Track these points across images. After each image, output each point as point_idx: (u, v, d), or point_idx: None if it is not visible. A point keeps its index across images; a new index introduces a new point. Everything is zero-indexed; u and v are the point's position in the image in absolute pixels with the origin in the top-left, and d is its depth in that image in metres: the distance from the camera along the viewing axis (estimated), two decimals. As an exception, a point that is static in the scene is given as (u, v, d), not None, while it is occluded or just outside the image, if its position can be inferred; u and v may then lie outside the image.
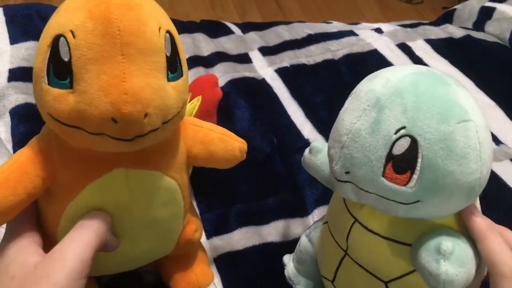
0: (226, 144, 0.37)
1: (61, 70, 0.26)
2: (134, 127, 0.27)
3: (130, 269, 0.38)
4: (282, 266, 0.45)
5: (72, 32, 0.26)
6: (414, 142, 0.27)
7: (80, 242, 0.29)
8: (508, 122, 0.67)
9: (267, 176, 0.56)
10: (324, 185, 0.54)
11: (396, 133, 0.27)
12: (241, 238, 0.49)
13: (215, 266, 0.47)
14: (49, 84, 0.27)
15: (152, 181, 0.33)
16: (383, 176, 0.28)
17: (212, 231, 0.49)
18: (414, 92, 0.28)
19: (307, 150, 0.40)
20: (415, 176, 0.27)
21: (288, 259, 0.45)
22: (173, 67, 0.29)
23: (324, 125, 0.64)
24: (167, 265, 0.40)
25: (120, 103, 0.26)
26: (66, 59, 0.26)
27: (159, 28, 0.28)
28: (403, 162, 0.27)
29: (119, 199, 0.32)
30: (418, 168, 0.27)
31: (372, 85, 0.29)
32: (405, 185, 0.28)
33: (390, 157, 0.28)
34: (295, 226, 0.51)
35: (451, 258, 0.27)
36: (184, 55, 0.31)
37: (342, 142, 0.29)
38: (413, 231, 0.30)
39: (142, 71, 0.26)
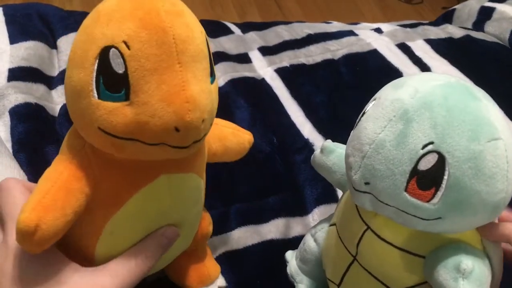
0: (238, 138, 0.39)
1: (114, 83, 0.26)
2: (193, 134, 0.27)
3: (156, 270, 0.38)
4: (282, 264, 0.45)
5: (125, 43, 0.25)
6: (441, 159, 0.26)
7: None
8: (508, 122, 0.67)
9: (267, 175, 0.56)
10: (324, 185, 0.55)
11: (423, 148, 0.26)
12: (240, 237, 0.49)
13: (214, 265, 0.47)
14: (99, 98, 0.26)
15: (190, 183, 0.33)
16: (406, 190, 0.27)
17: (212, 230, 0.49)
18: (444, 106, 0.26)
19: (318, 149, 0.39)
20: (439, 193, 0.26)
21: (290, 256, 0.45)
22: (212, 69, 0.29)
23: (324, 125, 0.64)
24: (178, 262, 0.40)
25: (183, 112, 0.25)
26: (120, 72, 0.25)
27: (201, 33, 0.28)
28: (428, 179, 0.26)
29: (161, 205, 0.32)
30: (443, 185, 0.26)
31: (399, 94, 0.28)
32: (428, 201, 0.27)
33: (414, 172, 0.26)
34: (295, 225, 0.51)
35: (471, 277, 0.26)
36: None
37: (363, 151, 0.28)
38: (428, 243, 0.30)
39: (196, 78, 0.26)
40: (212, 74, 0.29)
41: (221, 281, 0.44)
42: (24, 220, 0.26)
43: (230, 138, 0.38)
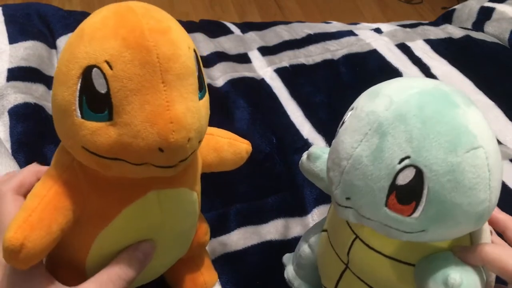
0: (234, 148, 0.38)
1: (97, 103, 0.25)
2: (179, 154, 0.26)
3: (152, 279, 0.38)
4: (281, 265, 0.45)
5: (107, 62, 0.24)
6: (419, 173, 0.25)
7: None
8: (507, 123, 0.67)
9: (266, 175, 0.56)
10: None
11: (400, 162, 0.25)
12: (240, 238, 0.49)
13: (214, 266, 0.47)
14: (83, 117, 0.25)
15: (181, 197, 0.33)
16: (386, 206, 0.26)
17: (211, 232, 0.49)
18: (419, 117, 0.25)
19: (304, 155, 0.38)
20: (420, 208, 0.26)
21: (287, 260, 0.45)
22: (201, 85, 0.28)
23: (323, 125, 0.64)
24: (174, 269, 0.40)
25: (167, 133, 0.25)
26: (103, 91, 0.25)
27: (189, 49, 0.27)
28: (407, 193, 0.26)
29: (151, 221, 0.31)
30: (423, 199, 0.25)
31: (374, 105, 0.27)
32: (409, 215, 0.26)
33: (393, 187, 0.26)
34: (294, 225, 0.51)
35: None
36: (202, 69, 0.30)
37: (342, 166, 0.27)
38: (416, 252, 0.30)
39: (182, 96, 0.26)
40: (202, 89, 0.28)
41: None
42: (10, 239, 0.26)
43: (226, 148, 0.37)
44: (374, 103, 0.27)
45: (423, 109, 0.26)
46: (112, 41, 0.25)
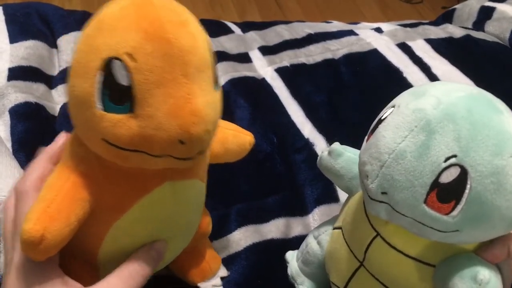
0: (238, 139, 0.39)
1: (119, 95, 0.25)
2: (198, 146, 0.27)
3: (159, 269, 0.38)
4: (283, 264, 0.45)
5: (129, 55, 0.24)
6: (464, 173, 0.25)
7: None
8: None
9: (267, 175, 0.56)
10: (324, 185, 0.55)
11: (445, 161, 0.26)
12: (241, 238, 0.49)
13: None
14: (104, 109, 0.25)
15: (193, 189, 0.33)
16: (425, 202, 0.26)
17: (212, 232, 0.49)
18: (468, 119, 0.26)
19: (325, 152, 0.38)
20: (459, 207, 0.26)
21: (291, 257, 0.45)
22: (216, 77, 0.28)
23: (324, 125, 0.64)
24: (179, 258, 0.41)
25: (188, 125, 0.25)
26: (125, 84, 0.25)
27: (205, 41, 0.27)
28: (449, 192, 0.26)
29: (165, 211, 0.32)
30: (463, 199, 0.26)
31: (421, 103, 0.27)
32: (447, 214, 0.26)
33: (435, 184, 0.26)
34: (295, 225, 0.51)
35: (487, 287, 0.27)
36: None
37: (382, 160, 0.27)
38: (439, 253, 0.30)
39: (201, 89, 0.26)
40: (216, 81, 0.28)
41: (223, 271, 0.45)
42: (29, 230, 0.26)
43: (231, 139, 0.38)
44: (420, 102, 0.28)
45: (471, 111, 0.26)
46: (133, 33, 0.25)
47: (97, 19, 0.27)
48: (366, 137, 0.31)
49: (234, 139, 0.38)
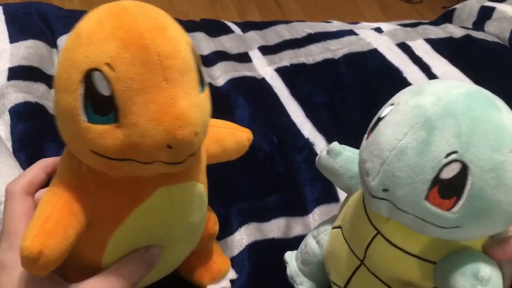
0: (236, 137, 0.39)
1: (102, 106, 0.25)
2: (187, 149, 0.26)
3: (166, 274, 0.38)
4: (284, 263, 0.45)
5: (108, 64, 0.25)
6: (464, 168, 0.26)
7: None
8: None
9: (267, 175, 0.56)
10: (324, 184, 0.55)
11: (446, 157, 0.26)
12: (242, 237, 0.49)
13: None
14: (89, 121, 0.25)
15: (189, 191, 0.33)
16: (426, 199, 0.27)
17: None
18: (468, 115, 0.26)
19: (324, 151, 0.38)
20: (460, 203, 0.26)
21: (290, 258, 0.45)
22: (200, 78, 0.28)
23: (324, 124, 0.64)
24: (187, 261, 0.41)
25: (174, 129, 0.25)
26: (107, 94, 0.25)
27: (186, 43, 0.27)
28: (450, 187, 0.26)
29: (163, 217, 0.32)
30: (464, 195, 0.26)
31: (420, 101, 0.28)
32: (448, 210, 0.26)
33: (436, 180, 0.26)
34: (296, 225, 0.51)
35: (489, 285, 0.27)
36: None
37: (383, 157, 0.27)
38: (439, 250, 0.30)
39: (184, 92, 0.26)
40: (202, 82, 0.28)
41: (232, 274, 0.45)
42: (28, 247, 0.26)
43: (228, 138, 0.38)
44: (419, 99, 0.28)
45: (471, 107, 0.27)
46: (110, 43, 0.25)
47: (75, 32, 0.26)
48: (366, 136, 0.31)
49: (231, 137, 0.38)
